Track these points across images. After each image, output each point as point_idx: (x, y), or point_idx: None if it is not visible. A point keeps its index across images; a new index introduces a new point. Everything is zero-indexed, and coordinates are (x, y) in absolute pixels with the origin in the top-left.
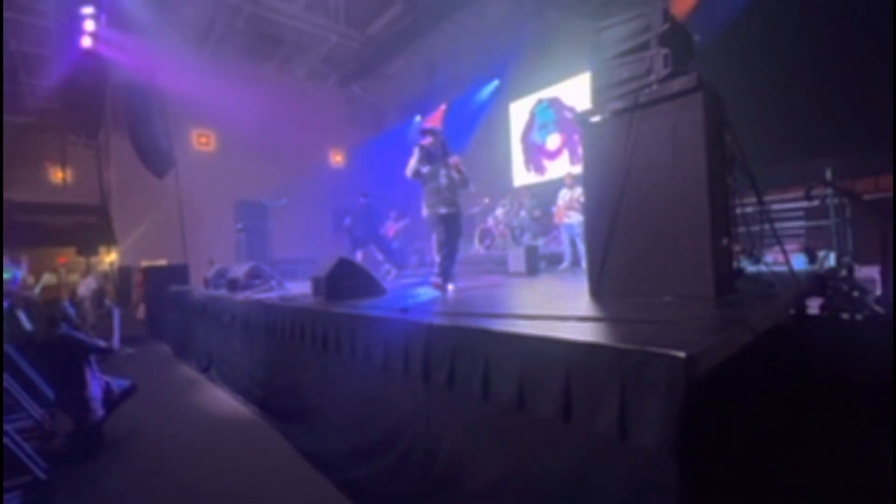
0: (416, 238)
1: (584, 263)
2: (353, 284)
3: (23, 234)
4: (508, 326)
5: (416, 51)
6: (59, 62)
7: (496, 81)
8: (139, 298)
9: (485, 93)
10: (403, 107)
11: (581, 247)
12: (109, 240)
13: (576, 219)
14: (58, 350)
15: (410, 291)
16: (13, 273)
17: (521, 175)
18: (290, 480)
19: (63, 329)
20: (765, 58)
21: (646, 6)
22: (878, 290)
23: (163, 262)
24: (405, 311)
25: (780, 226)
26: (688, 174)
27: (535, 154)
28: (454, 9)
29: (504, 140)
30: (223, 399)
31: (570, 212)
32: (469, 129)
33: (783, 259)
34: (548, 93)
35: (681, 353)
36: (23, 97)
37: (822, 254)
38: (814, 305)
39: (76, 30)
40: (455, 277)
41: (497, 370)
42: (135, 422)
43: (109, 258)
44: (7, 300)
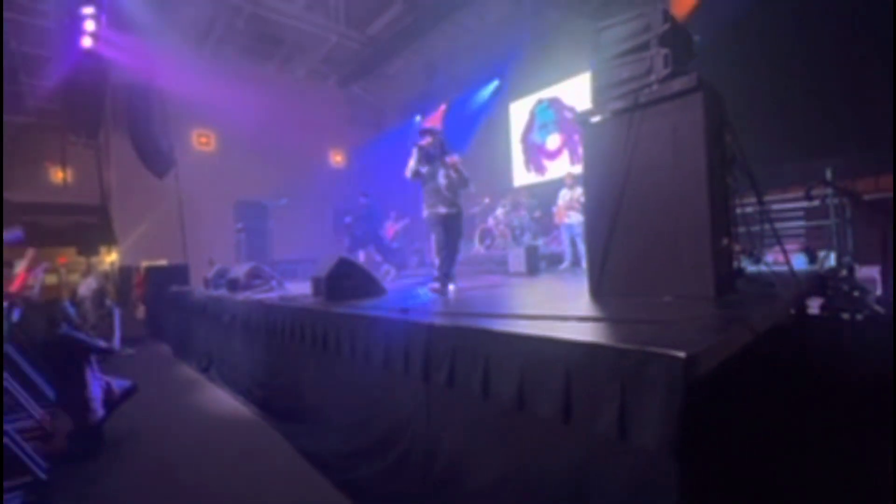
0: (416, 238)
1: (585, 263)
2: (354, 284)
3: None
4: (509, 326)
5: (416, 51)
6: (60, 62)
7: (496, 81)
8: (137, 298)
9: (485, 93)
10: (403, 107)
11: (581, 247)
12: (110, 240)
13: (576, 219)
14: (58, 350)
15: (411, 292)
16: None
17: (522, 175)
18: (290, 480)
19: (64, 329)
20: (765, 58)
21: (646, 6)
22: (879, 290)
23: (163, 262)
24: (405, 312)
25: (781, 226)
26: (688, 174)
27: (536, 154)
28: (454, 9)
29: (504, 140)
30: (223, 399)
31: (571, 212)
32: (469, 130)
33: (783, 259)
34: (548, 93)
35: (681, 353)
36: (23, 97)
37: (823, 254)
38: (814, 305)
39: (76, 30)
40: (455, 277)
41: (497, 370)
42: (135, 422)
43: (110, 258)
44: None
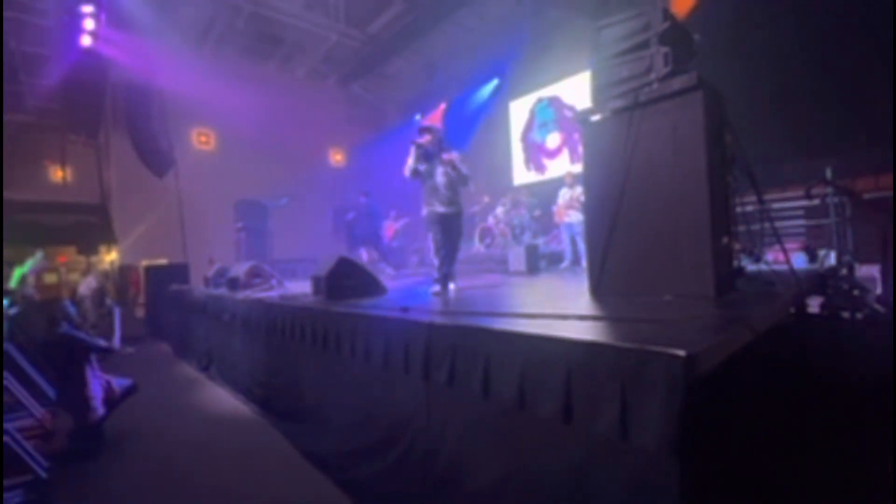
0: (417, 238)
1: (585, 262)
2: (354, 284)
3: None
4: (509, 325)
5: (416, 50)
6: (59, 61)
7: (496, 80)
8: (134, 296)
9: (485, 92)
10: (403, 106)
11: (581, 246)
12: (109, 239)
13: (576, 218)
14: (59, 349)
15: (411, 291)
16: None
17: (522, 174)
18: (290, 479)
19: (64, 328)
20: (765, 58)
21: (646, 5)
22: (879, 289)
23: (163, 262)
24: (405, 311)
25: (781, 224)
26: (688, 173)
27: (535, 153)
28: (454, 8)
29: (504, 139)
30: (223, 398)
31: (571, 211)
32: (469, 129)
33: (783, 258)
34: (548, 91)
35: (681, 352)
36: (23, 96)
37: (823, 252)
38: (814, 304)
39: (76, 28)
40: (455, 276)
41: (497, 369)
42: (135, 420)
43: (110, 257)
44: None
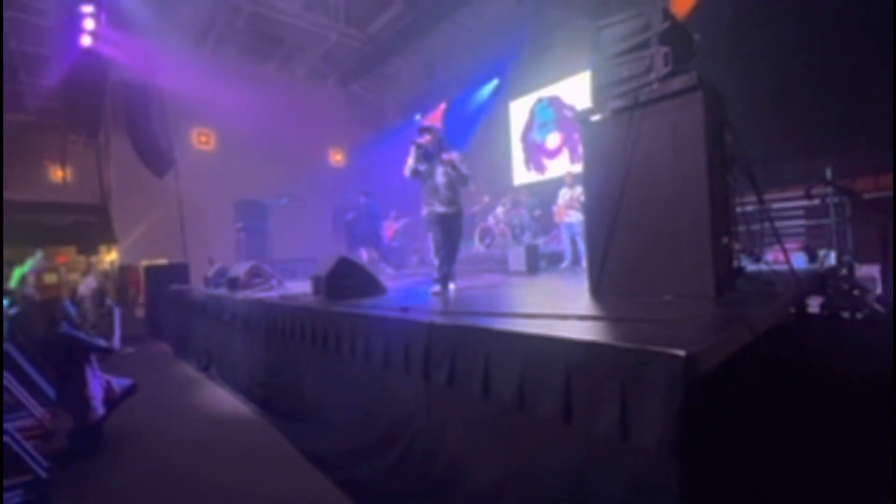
0: (417, 238)
1: (585, 262)
2: (354, 284)
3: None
4: (509, 325)
5: (416, 50)
6: (59, 61)
7: (496, 80)
8: (136, 295)
9: (485, 92)
10: (403, 106)
11: (581, 246)
12: (109, 239)
13: (576, 218)
14: (59, 349)
15: (412, 291)
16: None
17: (522, 174)
18: (290, 479)
19: (64, 328)
20: (765, 57)
21: (646, 5)
22: (879, 289)
23: (163, 262)
24: (406, 311)
25: (781, 224)
26: (688, 173)
27: (535, 153)
28: (454, 8)
29: (504, 139)
30: (223, 398)
31: (571, 211)
32: (469, 129)
33: (783, 258)
34: (548, 91)
35: (681, 352)
36: (23, 96)
37: (823, 252)
38: (814, 304)
39: (76, 28)
40: (455, 276)
41: (497, 369)
42: (135, 420)
43: (110, 257)
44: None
